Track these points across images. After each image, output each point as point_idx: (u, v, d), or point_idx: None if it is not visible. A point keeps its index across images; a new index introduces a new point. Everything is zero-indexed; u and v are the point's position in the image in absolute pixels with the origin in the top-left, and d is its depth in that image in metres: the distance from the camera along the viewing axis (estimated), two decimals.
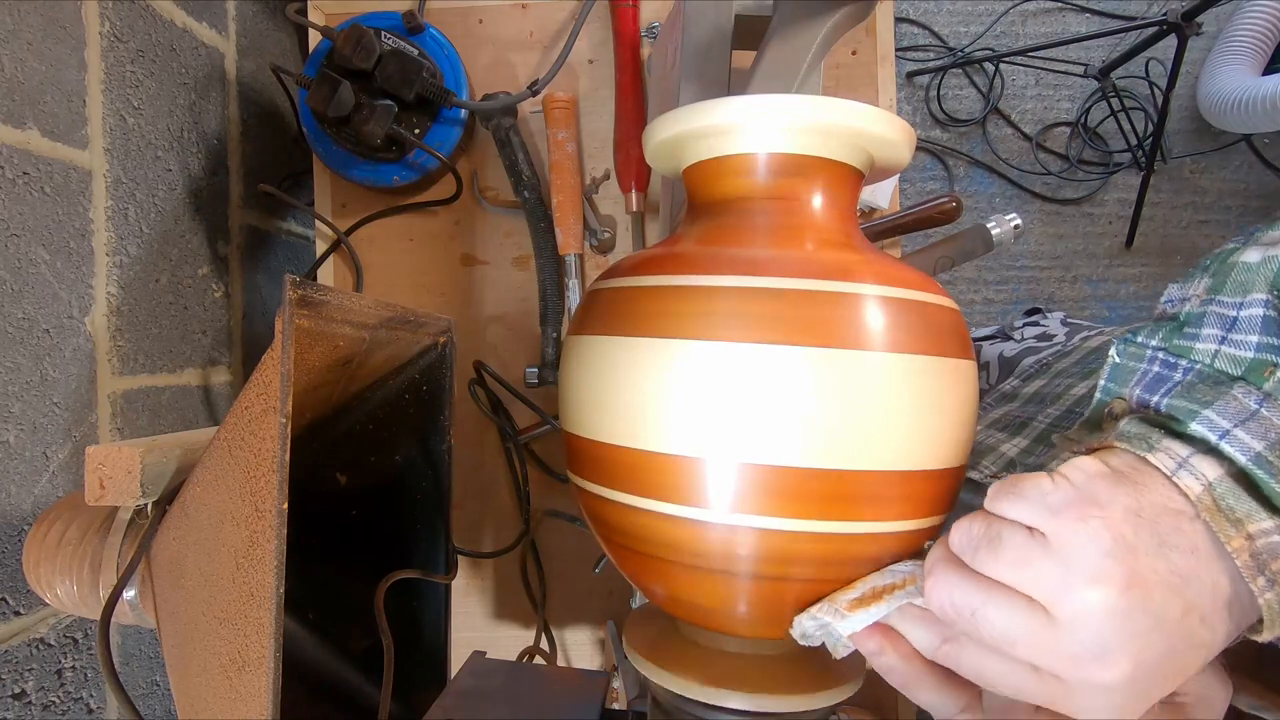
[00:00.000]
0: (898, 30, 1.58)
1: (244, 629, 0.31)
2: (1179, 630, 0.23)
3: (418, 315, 0.42)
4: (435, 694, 0.39)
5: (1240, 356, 0.26)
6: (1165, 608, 0.22)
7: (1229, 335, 0.27)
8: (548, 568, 0.65)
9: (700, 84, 0.47)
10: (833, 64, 0.65)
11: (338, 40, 0.56)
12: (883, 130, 0.31)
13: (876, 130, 0.31)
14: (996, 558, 0.24)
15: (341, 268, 0.66)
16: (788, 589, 0.30)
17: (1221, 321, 0.27)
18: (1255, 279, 0.27)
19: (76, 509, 0.41)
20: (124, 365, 0.51)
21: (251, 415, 0.32)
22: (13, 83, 0.42)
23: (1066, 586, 0.22)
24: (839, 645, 0.29)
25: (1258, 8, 1.44)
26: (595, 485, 0.32)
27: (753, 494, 0.28)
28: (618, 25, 0.63)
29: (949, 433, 0.29)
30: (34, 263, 0.43)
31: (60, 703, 0.45)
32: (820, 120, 0.30)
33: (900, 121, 0.31)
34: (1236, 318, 0.27)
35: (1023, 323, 0.82)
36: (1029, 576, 0.23)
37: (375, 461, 0.48)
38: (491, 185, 0.65)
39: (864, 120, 0.30)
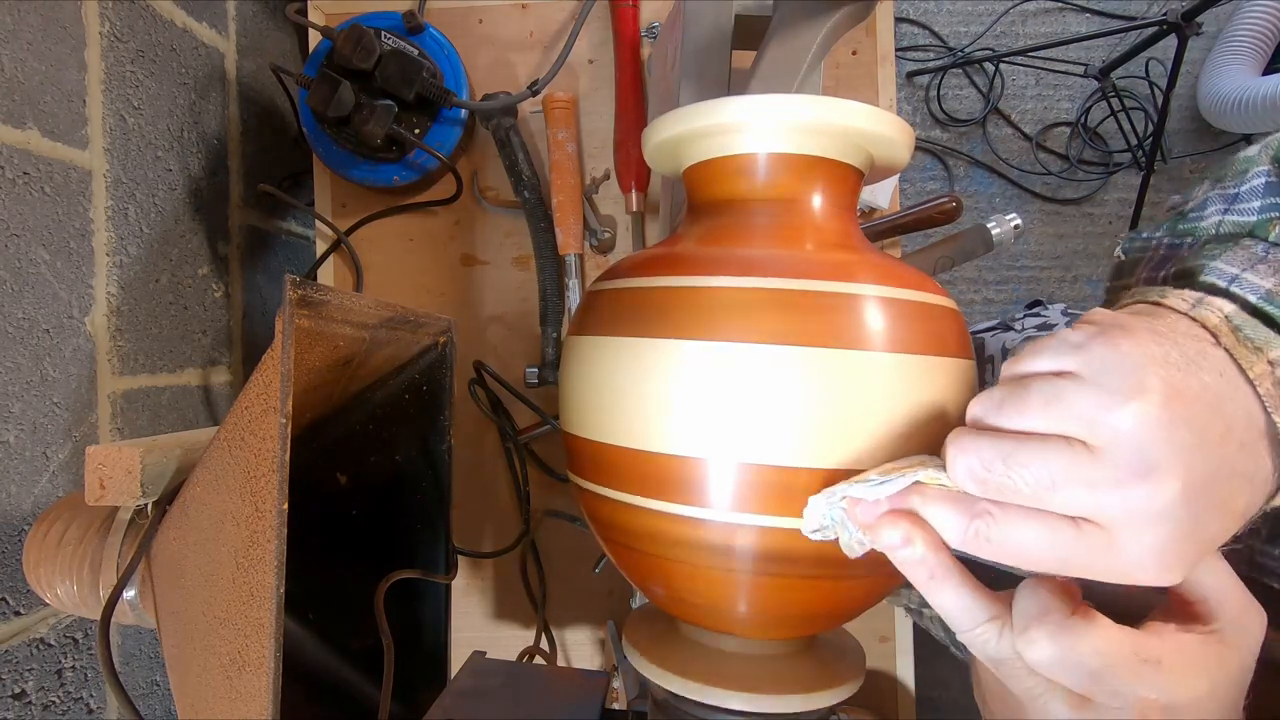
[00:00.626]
0: (898, 30, 1.58)
1: (244, 629, 0.31)
2: (1222, 452, 0.21)
3: (418, 315, 0.42)
4: (435, 694, 0.39)
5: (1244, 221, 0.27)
6: (1207, 425, 0.21)
7: (1232, 207, 0.27)
8: (548, 568, 0.65)
9: (700, 84, 0.47)
10: (833, 64, 0.65)
11: (338, 40, 0.56)
12: (883, 130, 0.31)
13: (876, 130, 0.31)
14: (1024, 406, 0.22)
15: (341, 268, 0.66)
16: (788, 588, 0.30)
17: (1224, 199, 0.28)
18: (1255, 161, 0.27)
19: (76, 509, 0.40)
20: (124, 365, 0.51)
21: (251, 415, 0.32)
22: (13, 83, 0.42)
23: (1103, 408, 0.21)
24: (854, 542, 0.27)
25: (1258, 8, 1.44)
26: (595, 485, 0.32)
27: (753, 494, 0.28)
28: (618, 25, 0.63)
29: (949, 432, 0.29)
30: (34, 263, 0.43)
31: (60, 703, 0.45)
32: (820, 120, 0.30)
33: (900, 121, 0.31)
34: (1238, 193, 0.27)
35: (1024, 314, 0.82)
36: (1060, 412, 0.22)
37: (375, 461, 0.48)
38: (491, 185, 0.65)
39: (864, 120, 0.30)
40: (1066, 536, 0.21)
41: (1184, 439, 0.21)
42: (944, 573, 0.24)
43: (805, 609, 0.31)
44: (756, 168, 0.32)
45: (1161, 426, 0.20)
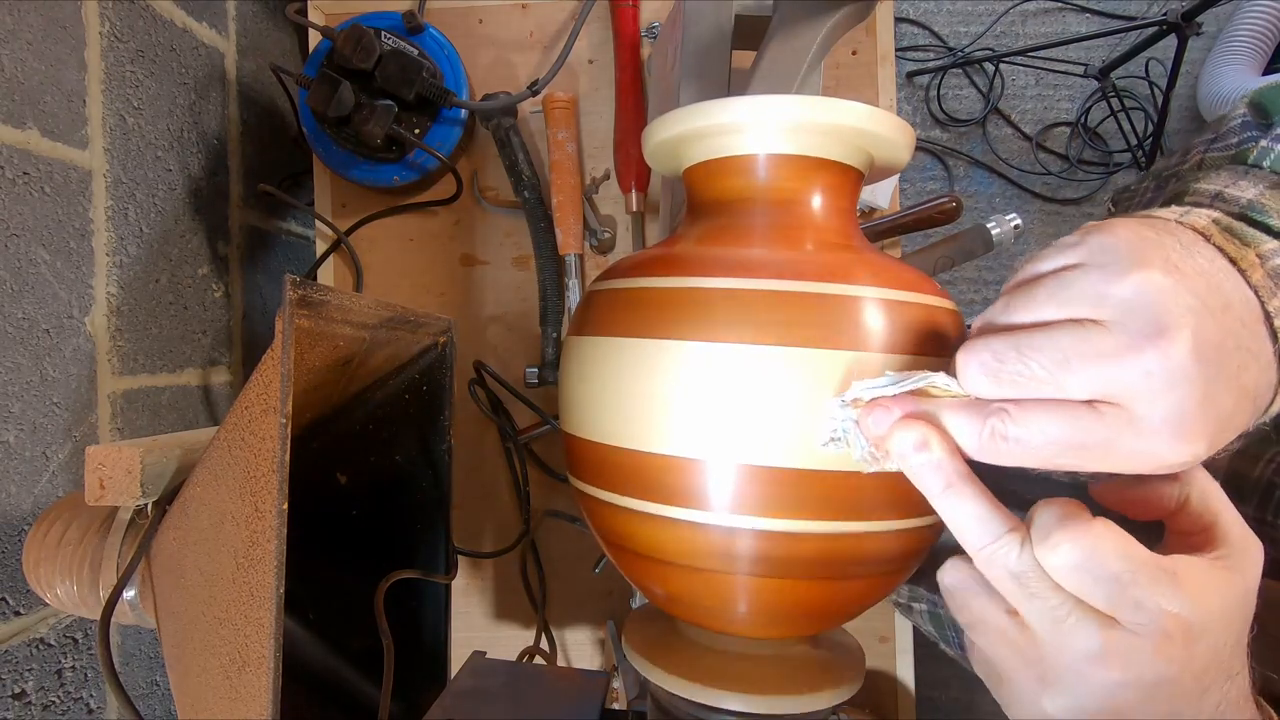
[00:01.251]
0: (898, 30, 1.58)
1: (244, 629, 0.31)
2: (1225, 322, 0.22)
3: (418, 315, 0.42)
4: (435, 694, 0.39)
5: (1225, 155, 0.29)
6: (1208, 296, 0.22)
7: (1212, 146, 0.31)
8: (548, 568, 0.65)
9: (700, 84, 0.47)
10: (833, 64, 0.65)
11: (338, 40, 0.56)
12: (883, 130, 0.31)
13: (876, 130, 0.31)
14: (1031, 299, 0.23)
15: (341, 268, 0.66)
16: (787, 589, 0.30)
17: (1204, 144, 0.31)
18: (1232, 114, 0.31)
19: (76, 509, 0.41)
20: (124, 365, 0.51)
21: (251, 415, 0.32)
22: (13, 83, 0.42)
23: (1107, 282, 0.21)
24: (866, 455, 0.26)
25: (1258, 8, 1.43)
26: (595, 489, 0.32)
27: (751, 495, 0.28)
28: (618, 25, 0.63)
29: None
30: (34, 263, 0.43)
31: (60, 703, 0.45)
32: (820, 121, 0.30)
33: (900, 121, 0.31)
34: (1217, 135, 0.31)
35: None
36: (1067, 295, 0.22)
37: (375, 461, 0.48)
38: (491, 185, 0.65)
39: (864, 120, 0.30)
40: (1085, 421, 0.21)
41: (1188, 302, 0.21)
42: (961, 480, 0.23)
43: (805, 609, 0.31)
44: (756, 168, 0.32)
45: (1165, 291, 0.21)
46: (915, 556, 0.32)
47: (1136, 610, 0.21)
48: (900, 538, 0.30)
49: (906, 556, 0.31)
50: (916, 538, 0.30)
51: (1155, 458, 0.21)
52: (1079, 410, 0.21)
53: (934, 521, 0.31)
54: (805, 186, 0.32)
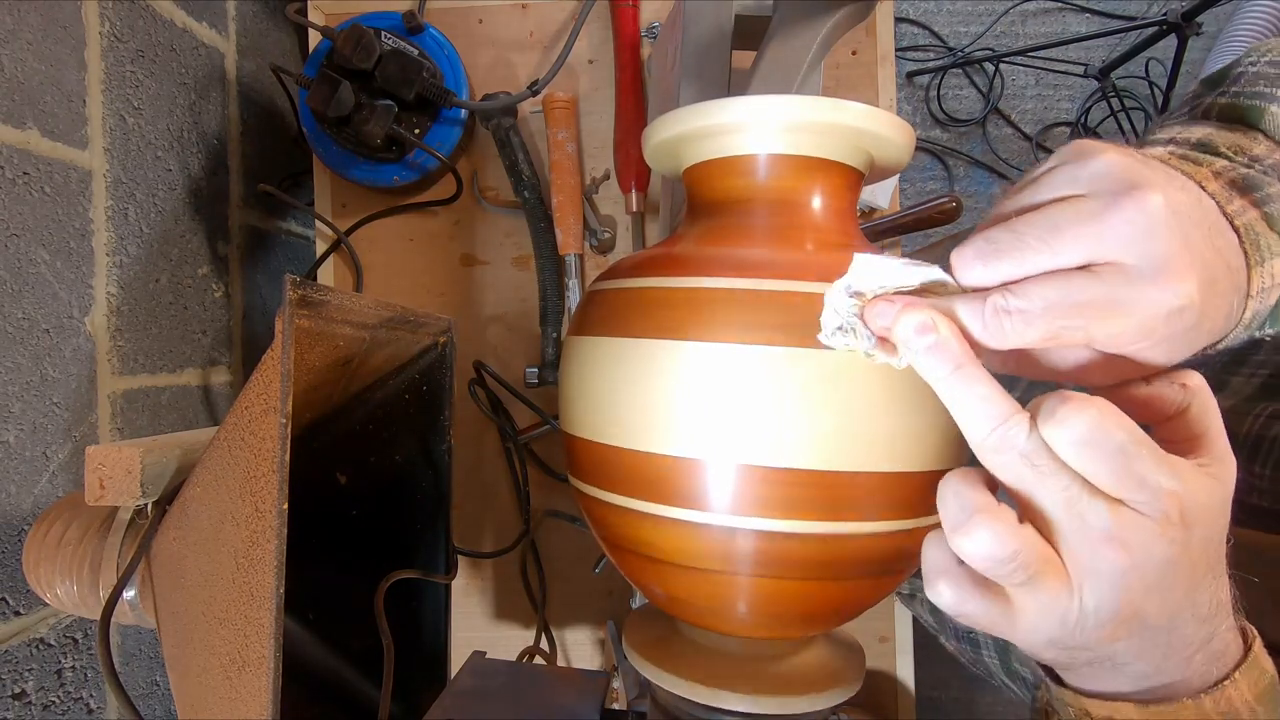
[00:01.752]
0: (898, 30, 1.58)
1: (244, 629, 0.31)
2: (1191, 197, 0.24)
3: (418, 315, 0.42)
4: (435, 694, 0.39)
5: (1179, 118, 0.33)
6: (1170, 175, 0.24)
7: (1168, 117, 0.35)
8: (548, 568, 0.65)
9: (700, 84, 0.47)
10: (833, 64, 0.65)
11: (338, 40, 0.56)
12: (883, 130, 0.31)
13: (876, 130, 0.31)
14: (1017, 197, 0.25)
15: (341, 268, 0.66)
16: (787, 590, 0.30)
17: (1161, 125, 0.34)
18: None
19: (76, 509, 0.41)
20: (124, 365, 0.51)
21: (251, 415, 0.32)
22: (13, 83, 0.42)
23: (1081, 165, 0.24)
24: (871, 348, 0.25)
25: (1258, 8, 1.43)
26: (595, 489, 0.32)
27: (751, 495, 0.28)
28: (618, 25, 0.63)
29: (947, 434, 0.29)
30: (34, 263, 0.43)
31: (60, 703, 0.45)
32: (820, 120, 0.30)
33: (900, 122, 0.31)
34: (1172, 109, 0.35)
35: None
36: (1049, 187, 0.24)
37: (375, 461, 0.48)
38: (491, 185, 0.65)
39: (864, 120, 0.30)
40: (1080, 280, 0.23)
41: (1158, 170, 0.24)
42: (968, 361, 0.23)
43: (805, 610, 0.31)
44: (756, 168, 0.32)
45: (1133, 160, 0.23)
46: (915, 557, 0.32)
47: (1141, 487, 0.21)
48: (900, 538, 0.29)
49: (906, 557, 0.31)
50: (916, 538, 0.30)
51: (1154, 304, 0.22)
52: (1074, 274, 0.23)
53: (933, 521, 0.31)
54: (805, 186, 0.32)
